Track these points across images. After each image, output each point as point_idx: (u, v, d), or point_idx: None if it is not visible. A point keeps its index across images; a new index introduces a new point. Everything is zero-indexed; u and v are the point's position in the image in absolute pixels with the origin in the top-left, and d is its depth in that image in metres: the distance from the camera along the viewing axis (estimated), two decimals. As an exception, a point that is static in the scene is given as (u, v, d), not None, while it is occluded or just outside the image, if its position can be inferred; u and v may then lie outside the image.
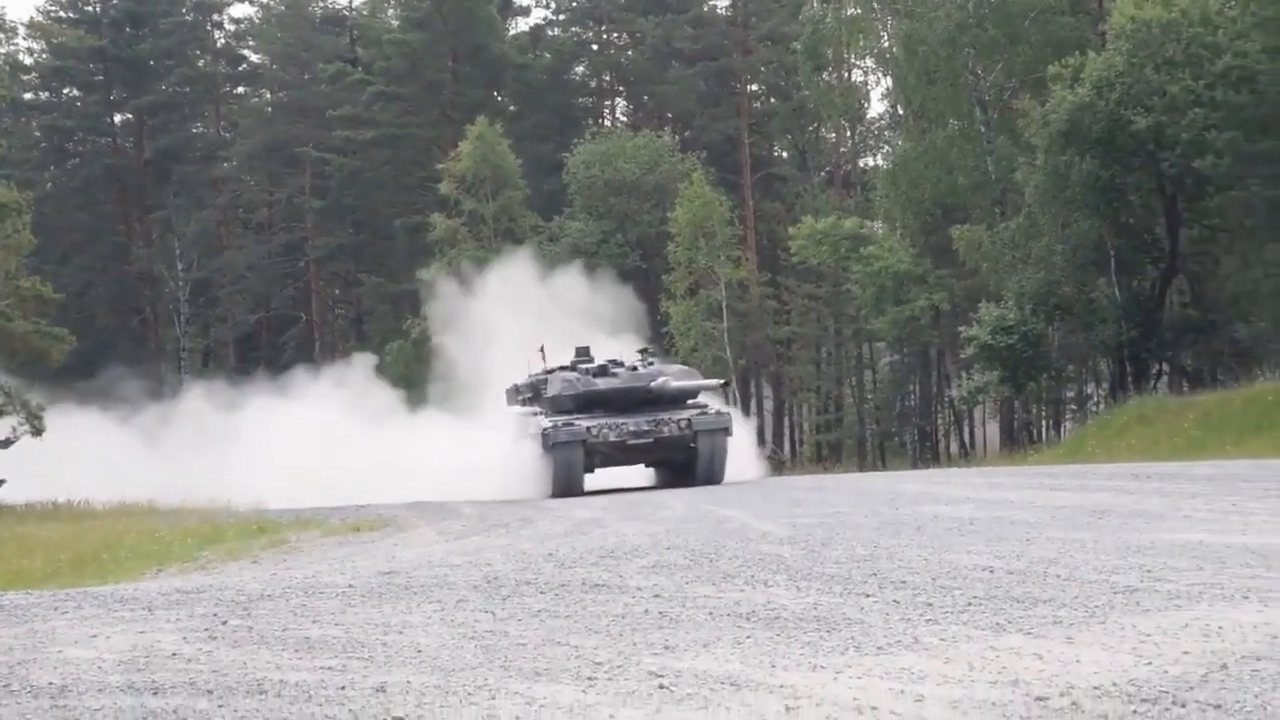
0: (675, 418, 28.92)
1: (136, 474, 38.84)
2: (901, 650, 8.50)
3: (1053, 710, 6.78)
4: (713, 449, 28.96)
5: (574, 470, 28.29)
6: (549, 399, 30.02)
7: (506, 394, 33.75)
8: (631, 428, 28.60)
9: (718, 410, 29.92)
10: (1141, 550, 12.26)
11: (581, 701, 7.66)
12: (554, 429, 28.42)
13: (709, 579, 12.31)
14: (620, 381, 29.63)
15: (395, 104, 72.20)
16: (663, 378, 29.47)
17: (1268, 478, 19.99)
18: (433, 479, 31.60)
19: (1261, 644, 7.95)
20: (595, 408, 29.30)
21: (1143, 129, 40.69)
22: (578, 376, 29.90)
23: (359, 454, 37.81)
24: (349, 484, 34.19)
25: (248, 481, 35.90)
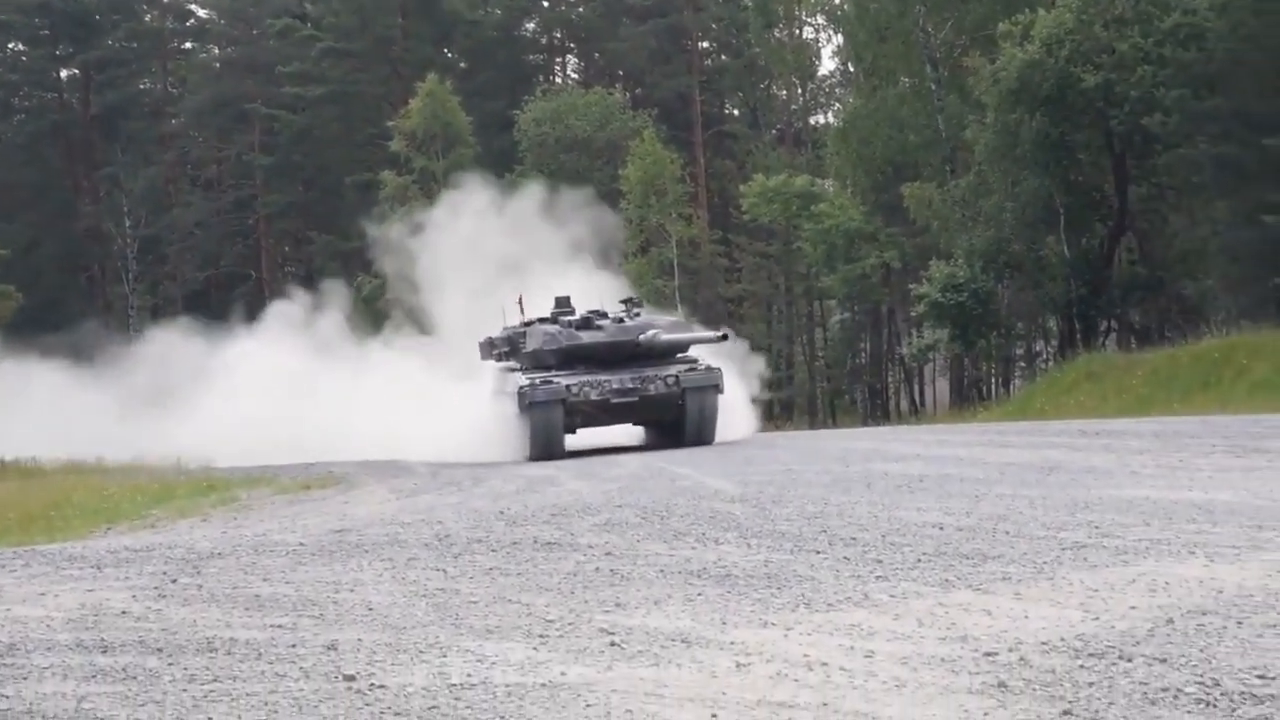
0: (662, 374, 26.63)
1: (87, 431, 38.41)
2: (851, 607, 8.54)
3: (1001, 665, 6.82)
4: (702, 407, 26.70)
5: (553, 431, 26.03)
6: (528, 354, 27.89)
7: (481, 348, 31.22)
8: (615, 385, 26.36)
9: (708, 365, 27.36)
10: (1089, 507, 12.34)
11: (533, 659, 7.67)
12: (531, 387, 26.01)
13: (660, 536, 12.34)
14: (605, 335, 27.26)
15: (345, 60, 71.79)
16: (652, 330, 27.07)
17: (1214, 434, 20.13)
18: (395, 439, 30.20)
19: (1207, 598, 8.02)
20: (578, 363, 26.97)
21: (1092, 86, 40.81)
22: (559, 329, 27.43)
23: (324, 408, 35.93)
24: (312, 443, 32.85)
25: (202, 437, 35.40)
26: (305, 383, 38.13)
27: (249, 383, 39.08)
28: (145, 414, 40.40)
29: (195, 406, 39.61)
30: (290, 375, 38.74)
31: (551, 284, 32.51)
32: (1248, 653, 6.72)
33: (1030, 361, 54.53)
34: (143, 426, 38.75)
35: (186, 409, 39.77)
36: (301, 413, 36.10)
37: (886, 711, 6.23)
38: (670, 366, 26.91)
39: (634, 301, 29.09)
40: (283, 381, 38.31)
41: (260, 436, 34.99)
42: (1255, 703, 5.90)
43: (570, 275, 34.94)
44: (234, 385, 39.54)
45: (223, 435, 35.52)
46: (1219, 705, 5.92)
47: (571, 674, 7.26)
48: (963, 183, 46.44)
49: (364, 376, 37.64)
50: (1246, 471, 14.80)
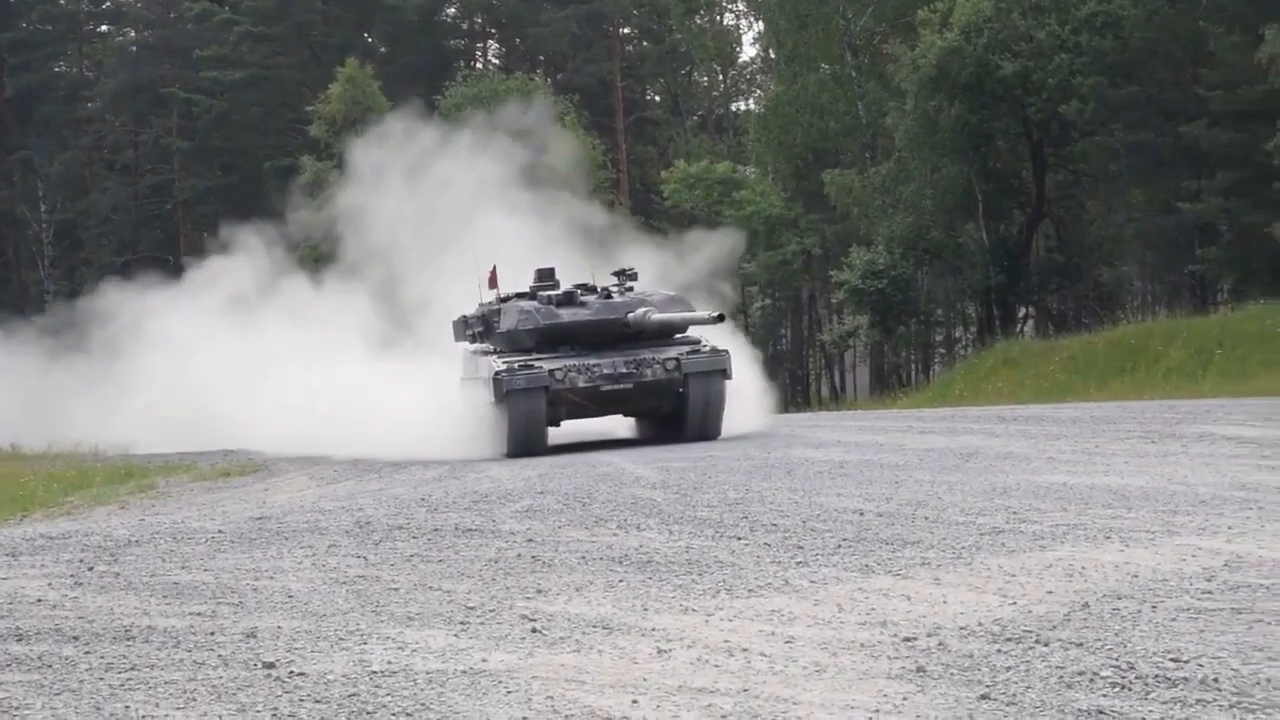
0: (660, 357, 22.97)
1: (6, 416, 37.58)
2: (772, 592, 8.58)
3: (920, 650, 6.87)
4: (707, 396, 23.04)
5: (534, 424, 22.40)
6: (503, 334, 24.12)
7: (454, 327, 27.18)
8: (606, 370, 22.73)
9: (713, 348, 23.54)
10: (1007, 492, 12.44)
11: (454, 645, 7.66)
12: (509, 372, 22.28)
13: (582, 523, 12.34)
14: (591, 312, 23.57)
15: (263, 44, 71.23)
16: (644, 308, 23.41)
17: (1129, 419, 20.33)
18: (349, 432, 25.96)
19: (1122, 583, 8.10)
20: (561, 345, 23.37)
21: (1010, 74, 41.11)
22: (538, 306, 23.76)
23: (263, 393, 31.55)
24: (254, 436, 29.59)
25: (124, 424, 34.15)
26: (230, 359, 34.15)
27: (169, 364, 35.95)
28: (70, 397, 39.24)
29: (117, 387, 37.35)
30: (216, 351, 34.83)
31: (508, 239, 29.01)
32: (1162, 636, 6.80)
33: (949, 348, 54.90)
34: (63, 413, 37.88)
35: (109, 391, 37.66)
36: (222, 395, 32.87)
37: (806, 696, 6.26)
38: (669, 349, 23.42)
39: (628, 273, 24.93)
40: (208, 360, 34.65)
41: (170, 423, 33.12)
42: (1169, 685, 5.97)
43: (524, 221, 31.16)
44: (151, 367, 36.63)
45: (134, 421, 34.32)
46: (1134, 688, 5.98)
47: (492, 661, 7.25)
48: (883, 169, 46.66)
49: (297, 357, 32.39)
50: (1161, 457, 14.96)
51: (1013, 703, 5.93)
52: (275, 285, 37.98)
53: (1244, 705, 5.64)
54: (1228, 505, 10.83)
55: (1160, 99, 40.52)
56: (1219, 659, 6.30)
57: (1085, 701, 5.86)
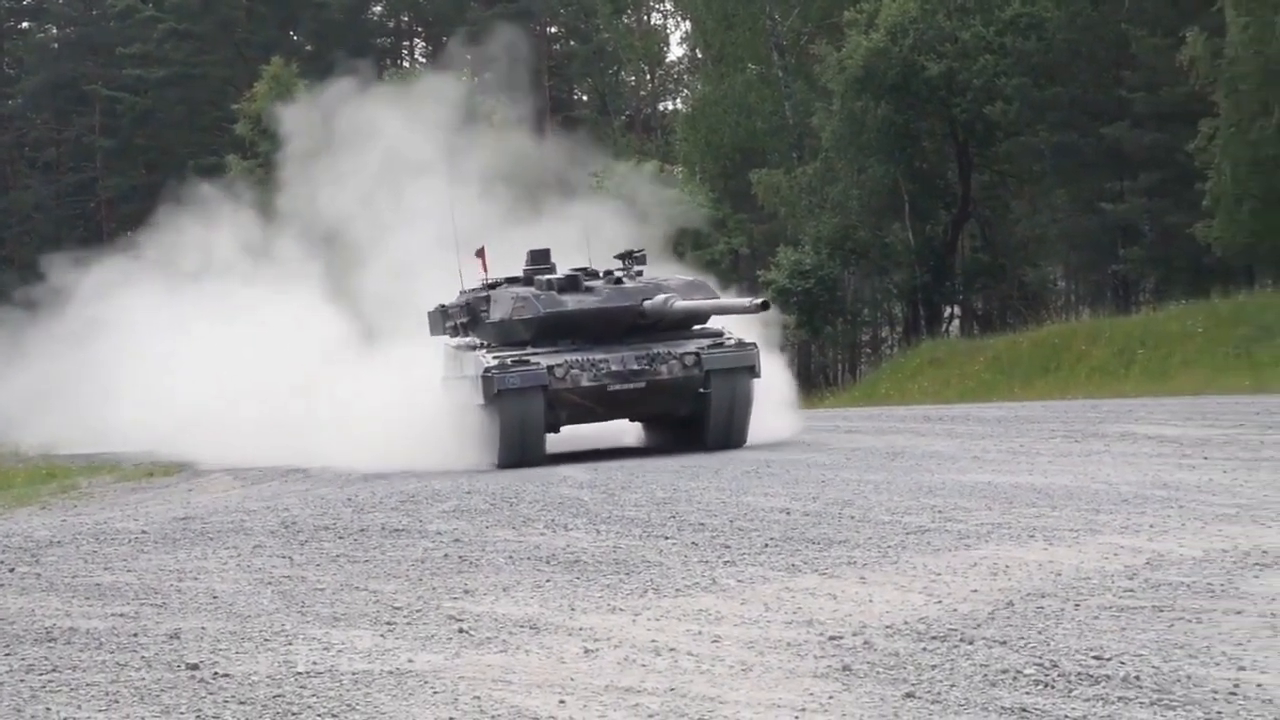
0: (678, 352, 19.70)
1: None
2: (699, 592, 8.60)
3: (846, 649, 6.90)
4: (732, 397, 19.72)
5: (530, 429, 19.32)
6: (493, 325, 20.74)
7: (430, 319, 23.34)
8: (615, 367, 19.47)
9: (739, 340, 20.24)
10: (933, 491, 12.51)
11: (380, 646, 7.64)
12: (500, 369, 19.15)
13: (509, 523, 12.34)
14: (600, 299, 20.24)
15: (188, 42, 70.74)
16: (663, 295, 20.09)
17: (1053, 419, 20.50)
18: (313, 439, 22.58)
19: (1046, 581, 8.17)
20: (561, 337, 20.08)
21: (935, 75, 41.35)
22: (536, 292, 20.39)
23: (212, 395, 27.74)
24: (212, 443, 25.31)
25: (56, 424, 31.71)
26: (168, 354, 30.61)
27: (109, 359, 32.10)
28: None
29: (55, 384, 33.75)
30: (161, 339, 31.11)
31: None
32: (1084, 634, 6.85)
33: (876, 347, 55.09)
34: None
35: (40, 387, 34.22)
36: (159, 397, 29.11)
37: (733, 695, 6.27)
38: (687, 342, 20.12)
39: (635, 256, 21.57)
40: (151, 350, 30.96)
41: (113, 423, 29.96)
42: (1092, 683, 6.02)
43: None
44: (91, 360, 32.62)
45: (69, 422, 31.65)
46: (1056, 686, 6.02)
47: (419, 661, 7.23)
48: (810, 169, 46.79)
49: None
50: (1084, 456, 15.09)
51: (937, 701, 5.96)
52: (215, 271, 33.34)
53: (1164, 703, 5.70)
54: (1150, 504, 10.93)
55: (1084, 100, 40.89)
56: (1140, 656, 6.36)
57: (1009, 699, 5.90)
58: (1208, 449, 15.01)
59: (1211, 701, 5.64)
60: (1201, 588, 7.72)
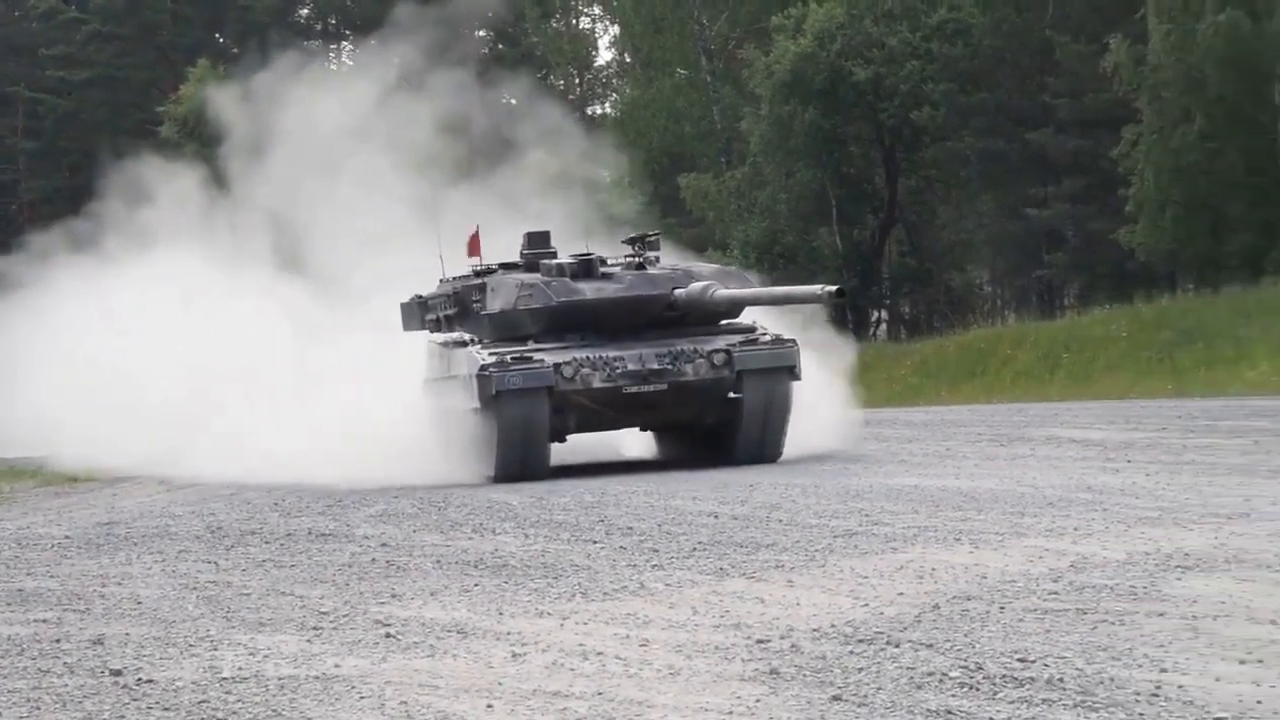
0: (705, 349, 17.15)
1: None
2: (627, 596, 8.60)
3: (773, 652, 6.92)
4: (767, 402, 17.14)
5: (533, 437, 16.92)
6: (491, 317, 18.18)
7: (404, 312, 20.57)
8: (632, 366, 16.96)
9: (776, 336, 17.60)
10: (860, 495, 12.57)
11: (306, 651, 7.60)
12: (499, 367, 16.68)
13: (437, 527, 12.31)
14: (623, 287, 17.67)
15: (112, 44, 70.17)
16: (702, 282, 17.57)
17: (979, 422, 20.64)
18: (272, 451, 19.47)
19: (971, 584, 8.22)
20: (570, 331, 17.59)
21: (862, 80, 41.56)
22: (545, 279, 17.79)
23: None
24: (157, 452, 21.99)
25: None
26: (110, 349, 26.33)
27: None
28: None
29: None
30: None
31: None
32: (1009, 637, 6.90)
33: (803, 351, 55.25)
34: None
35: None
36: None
37: (660, 699, 6.27)
38: (715, 338, 17.56)
39: (648, 240, 18.84)
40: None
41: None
42: (1016, 685, 6.06)
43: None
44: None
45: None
46: (981, 688, 6.06)
47: (346, 666, 7.20)
48: (738, 174, 46.91)
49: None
50: (1010, 460, 15.20)
51: (864, 704, 5.99)
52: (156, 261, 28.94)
53: (1088, 704, 5.74)
54: (1074, 507, 11.02)
55: (1009, 106, 41.21)
56: (1064, 659, 6.40)
57: (934, 702, 5.93)
58: (1131, 452, 15.16)
59: (1134, 703, 5.69)
60: (1124, 590, 7.78)
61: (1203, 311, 31.40)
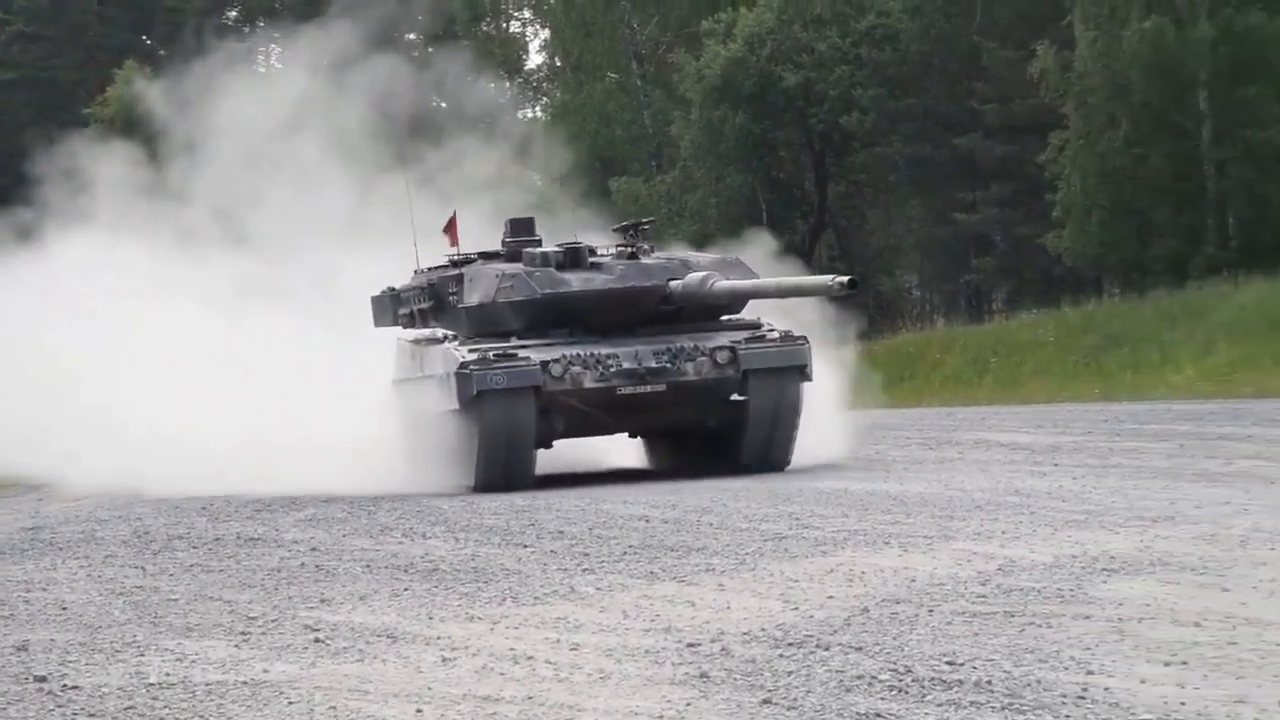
0: (708, 346, 15.86)
1: None
2: (558, 600, 8.59)
3: (704, 656, 6.92)
4: (776, 405, 15.84)
5: (517, 442, 15.64)
6: (469, 310, 16.64)
7: (374, 306, 18.96)
8: (627, 364, 15.63)
9: (786, 333, 16.24)
10: (790, 498, 12.60)
11: (234, 656, 7.55)
12: (481, 365, 15.35)
13: (367, 531, 12.27)
14: (614, 278, 16.32)
15: (37, 45, 69.55)
16: (700, 273, 16.20)
17: (909, 426, 20.75)
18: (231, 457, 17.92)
19: (900, 588, 8.25)
20: (556, 326, 16.23)
21: (792, 85, 41.74)
22: (528, 269, 16.39)
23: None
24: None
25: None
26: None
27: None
28: None
29: None
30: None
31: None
32: (938, 640, 6.93)
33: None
34: None
35: None
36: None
37: (591, 703, 6.27)
38: (717, 334, 16.26)
39: (640, 228, 17.54)
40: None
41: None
42: (945, 688, 6.09)
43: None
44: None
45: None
46: (910, 691, 6.09)
47: (274, 671, 7.16)
48: (668, 178, 46.99)
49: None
50: (939, 463, 15.29)
51: (794, 707, 6.00)
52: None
53: (1015, 707, 5.77)
54: (1002, 510, 11.09)
55: (937, 112, 41.49)
56: (993, 661, 6.44)
57: (864, 705, 5.95)
58: (1058, 456, 15.28)
59: (1061, 705, 5.73)
60: (1052, 593, 7.84)
61: (1128, 316, 31.73)
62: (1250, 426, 18.07)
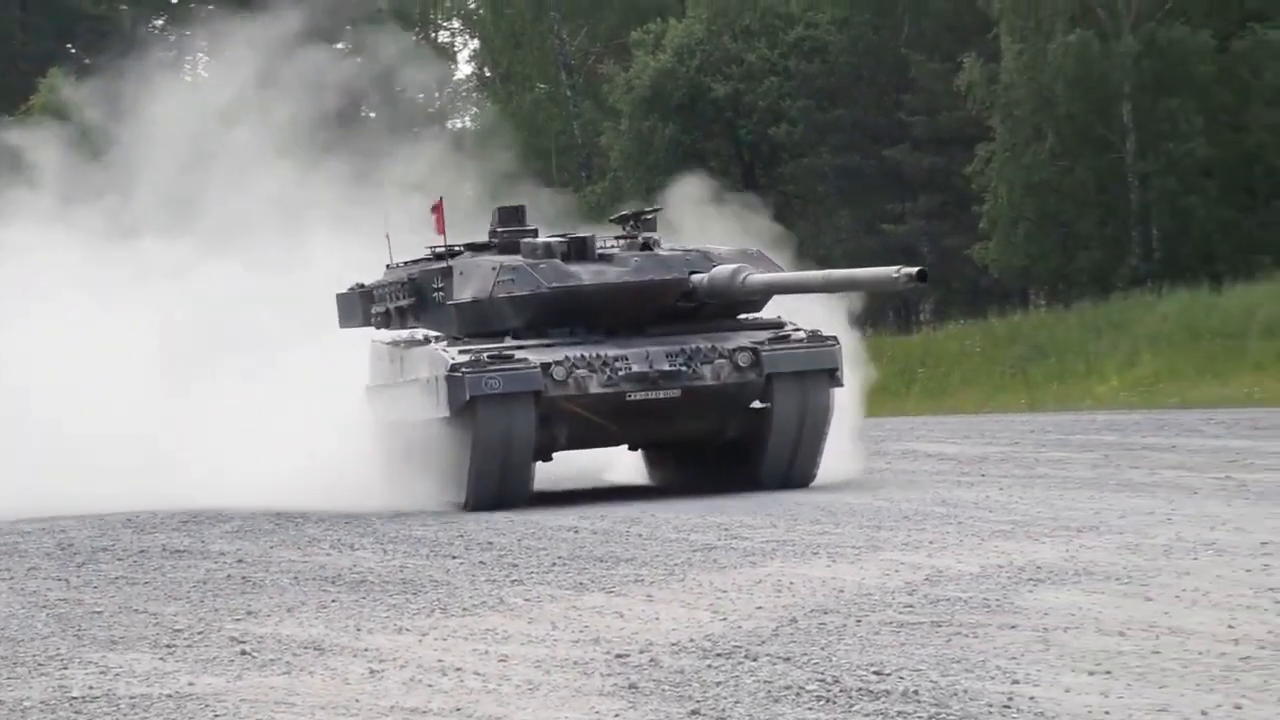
0: (727, 347, 14.35)
1: None
2: (487, 611, 8.57)
3: (632, 667, 6.93)
4: (803, 414, 14.35)
5: (515, 453, 14.12)
6: (459, 307, 15.05)
7: (341, 304, 17.22)
8: (637, 367, 14.12)
9: (813, 333, 14.69)
10: (718, 509, 12.63)
11: (159, 669, 7.49)
12: (475, 368, 13.82)
13: (294, 543, 12.20)
14: (629, 270, 14.73)
15: (-41, 52, 68.97)
16: (730, 266, 14.66)
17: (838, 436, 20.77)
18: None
19: (829, 598, 8.28)
20: (556, 325, 14.75)
21: (722, 96, 41.90)
22: (530, 261, 14.71)
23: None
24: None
25: None
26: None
27: None
28: None
29: None
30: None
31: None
32: (866, 650, 6.96)
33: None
34: None
35: None
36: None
37: (519, 715, 6.26)
38: (737, 333, 14.72)
39: (643, 218, 15.81)
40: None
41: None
42: (872, 699, 6.11)
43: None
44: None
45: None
46: (838, 702, 6.11)
47: (200, 684, 7.11)
48: (598, 188, 47.01)
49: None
50: (867, 473, 15.34)
51: (722, 717, 6.01)
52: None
53: (942, 716, 5.80)
54: (929, 521, 11.15)
55: (865, 123, 41.75)
56: (919, 671, 6.47)
57: (792, 715, 5.97)
58: (985, 466, 15.38)
59: (987, 715, 5.76)
60: (978, 603, 7.89)
61: (1054, 327, 32.00)
62: (1174, 437, 18.25)
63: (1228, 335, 27.85)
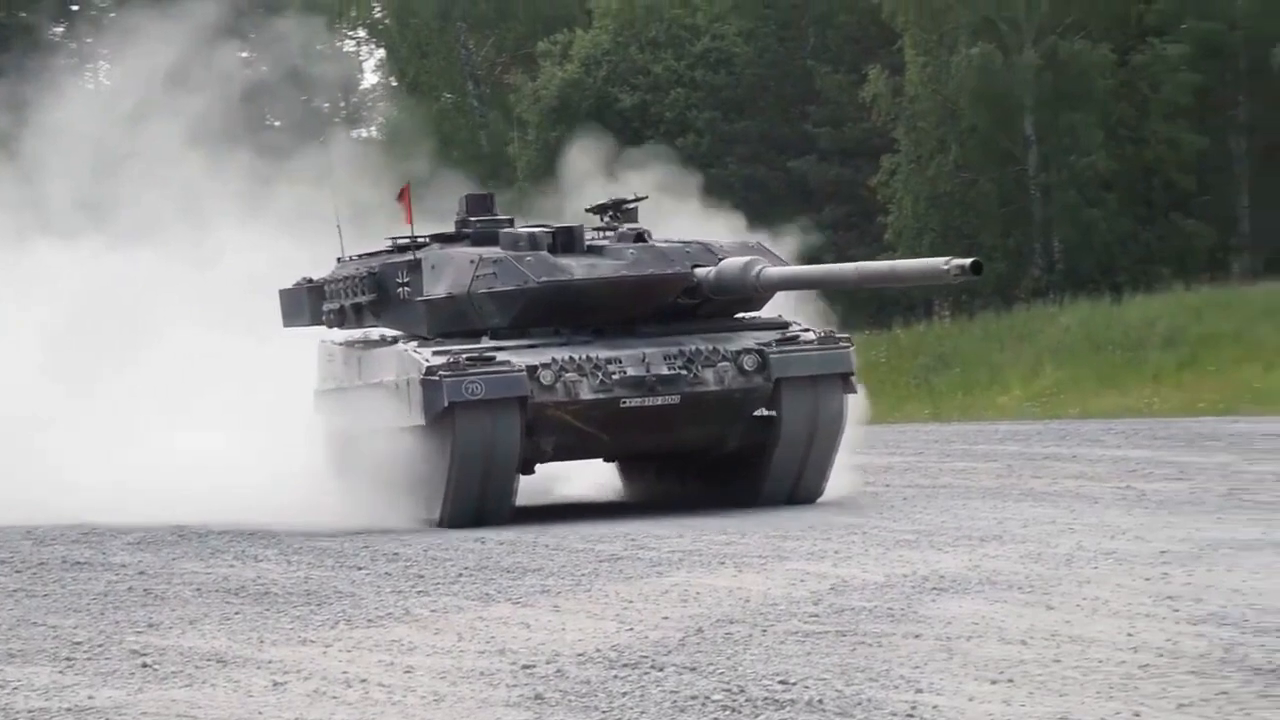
0: (730, 349, 13.24)
1: None
2: (392, 622, 8.54)
3: (538, 677, 6.92)
4: (813, 422, 13.33)
5: (498, 464, 12.92)
6: (429, 304, 13.73)
7: (284, 301, 15.71)
8: (632, 370, 12.94)
9: (827, 333, 13.86)
10: (625, 519, 12.65)
11: (59, 683, 7.41)
12: (453, 370, 12.61)
13: (197, 554, 12.09)
14: (624, 264, 13.50)
15: None
16: (741, 259, 13.47)
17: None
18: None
19: (735, 608, 8.31)
20: (540, 325, 13.45)
21: (629, 106, 41.94)
22: (514, 253, 13.50)
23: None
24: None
25: None
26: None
27: None
28: None
29: None
30: None
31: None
32: (771, 659, 6.98)
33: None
34: None
35: None
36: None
37: (425, 727, 6.25)
38: (741, 334, 13.62)
39: (625, 208, 14.48)
40: None
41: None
42: (777, 708, 6.13)
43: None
44: None
45: None
46: (743, 711, 6.12)
47: (100, 697, 7.04)
48: (505, 199, 46.97)
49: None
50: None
51: (628, 727, 6.03)
52: None
53: (848, 724, 5.84)
54: (834, 530, 11.21)
55: (771, 134, 41.92)
56: (824, 680, 6.50)
57: (698, 724, 5.99)
58: (890, 476, 15.47)
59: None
60: (882, 612, 7.94)
61: (958, 338, 32.25)
62: (1075, 446, 18.45)
63: (1128, 346, 28.18)
